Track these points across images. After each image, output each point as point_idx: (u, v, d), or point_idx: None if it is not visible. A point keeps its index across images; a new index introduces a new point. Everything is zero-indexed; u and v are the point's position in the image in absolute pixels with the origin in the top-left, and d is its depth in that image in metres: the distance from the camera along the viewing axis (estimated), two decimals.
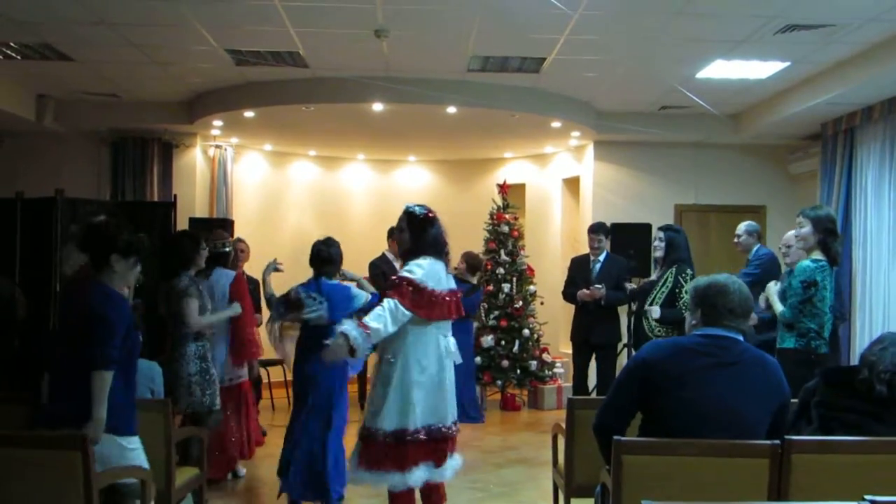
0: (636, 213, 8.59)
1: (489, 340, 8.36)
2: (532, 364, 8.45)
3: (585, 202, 9.15)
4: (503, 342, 8.42)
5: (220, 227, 6.99)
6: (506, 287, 8.53)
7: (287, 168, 9.98)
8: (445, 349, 3.89)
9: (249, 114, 7.69)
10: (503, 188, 8.89)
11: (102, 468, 3.27)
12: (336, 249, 4.93)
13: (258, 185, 9.67)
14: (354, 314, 4.44)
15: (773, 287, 5.03)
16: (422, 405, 3.78)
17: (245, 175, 9.50)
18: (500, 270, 8.57)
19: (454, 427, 3.93)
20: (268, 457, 6.02)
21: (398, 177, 10.53)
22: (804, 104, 7.05)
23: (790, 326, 4.76)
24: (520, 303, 8.50)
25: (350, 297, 4.81)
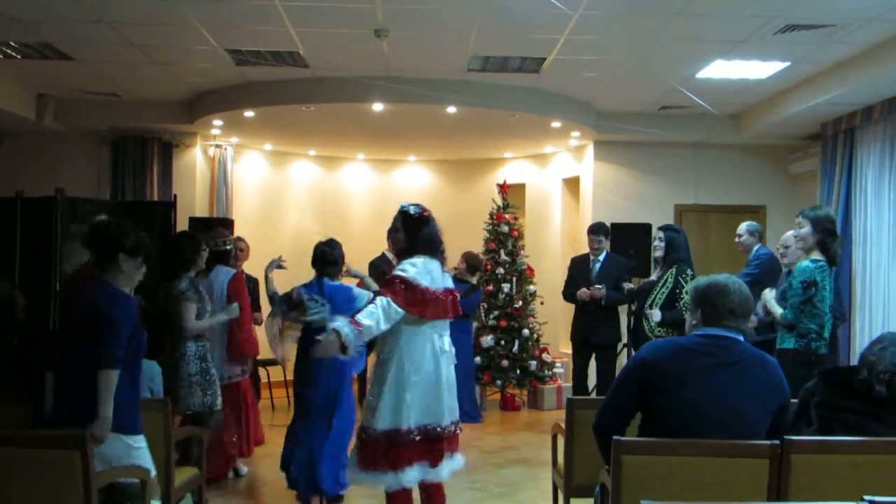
0: (636, 213, 8.59)
1: (489, 340, 8.36)
2: (532, 364, 8.45)
3: (585, 202, 9.15)
4: (503, 342, 8.43)
5: (221, 226, 6.99)
6: (505, 287, 8.53)
7: (287, 168, 9.98)
8: (441, 348, 3.87)
9: (249, 114, 7.69)
10: (503, 188, 8.89)
11: (109, 467, 3.28)
12: (339, 251, 4.99)
13: (258, 185, 9.67)
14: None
15: (769, 293, 5.01)
16: (416, 405, 3.76)
17: (245, 175, 9.49)
18: (500, 270, 8.58)
19: (453, 427, 3.90)
20: (268, 457, 6.02)
21: (398, 177, 10.52)
22: (804, 104, 7.05)
23: (791, 327, 4.76)
24: (519, 303, 8.50)
25: (352, 298, 4.82)
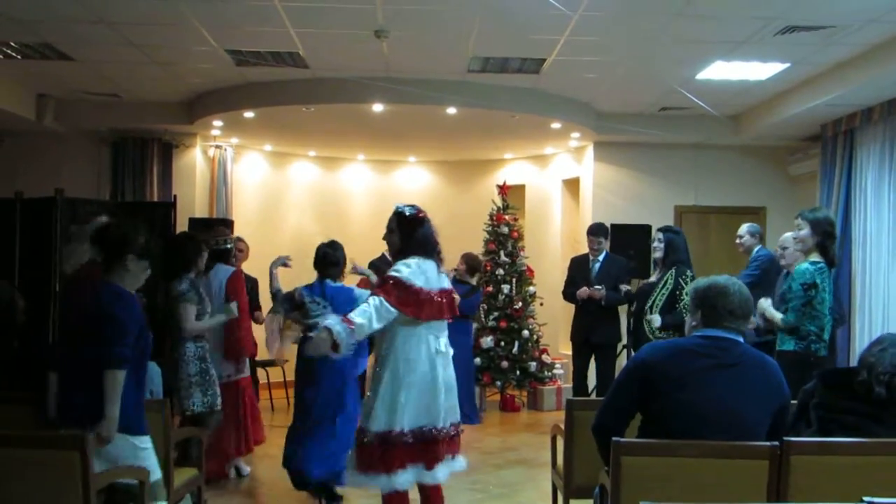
0: (636, 215, 8.59)
1: (489, 341, 8.36)
2: (531, 365, 8.45)
3: (585, 203, 9.15)
4: (503, 343, 8.42)
5: (222, 225, 6.99)
6: (505, 288, 8.53)
7: (287, 168, 9.97)
8: (437, 349, 3.85)
9: (249, 114, 7.68)
10: (503, 189, 8.89)
11: (115, 467, 3.29)
12: (341, 252, 5.05)
13: (258, 186, 9.66)
14: None
15: (765, 302, 4.99)
16: (411, 406, 3.74)
17: (245, 175, 9.49)
18: (500, 271, 8.58)
19: (452, 428, 3.89)
20: (268, 457, 6.02)
21: (398, 177, 10.52)
22: (804, 105, 7.05)
23: (793, 330, 4.75)
24: (519, 304, 8.50)
25: (353, 300, 4.83)
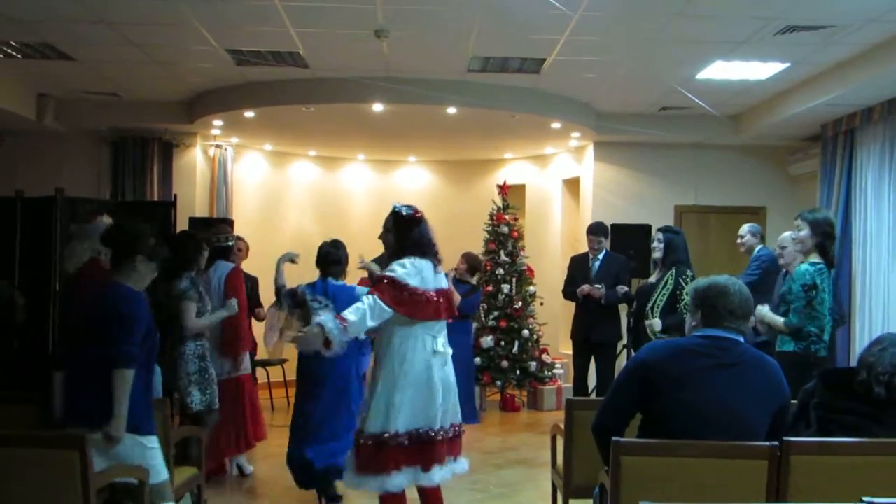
0: (636, 214, 8.58)
1: (489, 341, 8.36)
2: (532, 365, 8.45)
3: (585, 203, 9.15)
4: (503, 343, 8.43)
5: (223, 223, 6.99)
6: (505, 288, 8.53)
7: (287, 168, 9.98)
8: (434, 350, 3.83)
9: (249, 114, 7.68)
10: (503, 189, 8.89)
11: (114, 467, 3.29)
12: (343, 251, 5.06)
13: (258, 185, 9.67)
14: None
15: (763, 308, 4.97)
16: (406, 408, 3.72)
17: (245, 175, 9.49)
18: (500, 271, 8.58)
19: (451, 430, 3.87)
20: (268, 457, 6.03)
21: (398, 177, 10.52)
22: (804, 105, 7.04)
23: (797, 332, 4.73)
24: (519, 303, 8.50)
25: (355, 299, 4.80)
